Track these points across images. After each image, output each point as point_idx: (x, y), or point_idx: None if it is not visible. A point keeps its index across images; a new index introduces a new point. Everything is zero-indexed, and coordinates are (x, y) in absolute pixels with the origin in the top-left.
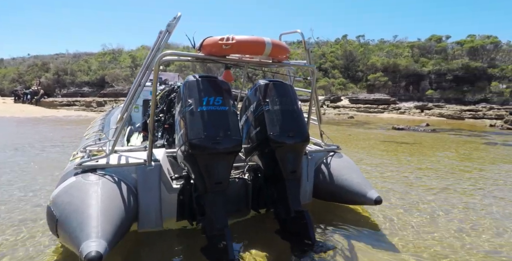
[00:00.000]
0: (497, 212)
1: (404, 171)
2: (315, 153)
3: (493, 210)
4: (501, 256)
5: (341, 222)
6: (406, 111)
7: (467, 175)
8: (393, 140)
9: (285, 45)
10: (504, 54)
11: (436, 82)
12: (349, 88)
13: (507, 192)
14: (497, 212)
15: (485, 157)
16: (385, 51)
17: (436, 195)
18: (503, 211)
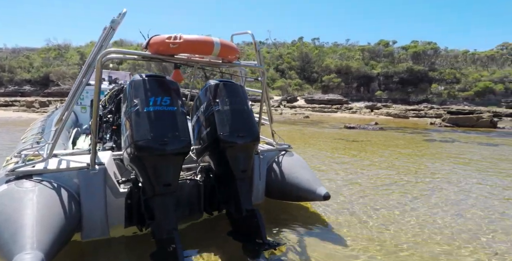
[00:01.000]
0: (437, 203)
1: (353, 168)
2: (267, 152)
3: (433, 201)
4: (444, 243)
5: (293, 219)
6: (357, 110)
7: (411, 170)
8: (345, 138)
9: (234, 45)
10: (442, 59)
11: (384, 84)
12: (305, 89)
13: (446, 183)
14: (437, 203)
15: (426, 152)
16: (338, 54)
17: (383, 189)
18: (443, 201)
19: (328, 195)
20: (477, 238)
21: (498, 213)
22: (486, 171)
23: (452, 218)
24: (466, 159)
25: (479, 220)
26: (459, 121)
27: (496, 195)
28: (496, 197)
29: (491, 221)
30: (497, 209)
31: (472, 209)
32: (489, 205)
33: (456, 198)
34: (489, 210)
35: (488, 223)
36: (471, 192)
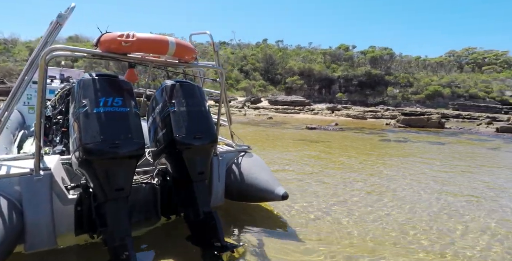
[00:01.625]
0: (393, 199)
1: (313, 167)
2: (226, 154)
3: (389, 196)
4: (400, 238)
5: (253, 220)
6: (319, 112)
7: (367, 168)
8: (306, 139)
9: (191, 46)
10: (397, 64)
11: (345, 86)
12: (269, 90)
13: (401, 179)
14: (393, 199)
15: (382, 152)
16: (301, 57)
17: (342, 188)
18: (398, 198)
19: (286, 195)
20: (426, 232)
21: (441, 205)
22: (433, 166)
23: (408, 213)
24: (417, 157)
25: (431, 213)
26: (411, 122)
27: (442, 188)
28: (443, 190)
29: (434, 213)
30: (441, 202)
31: (423, 203)
32: (437, 199)
33: (411, 195)
34: (434, 203)
35: (432, 215)
36: (425, 189)
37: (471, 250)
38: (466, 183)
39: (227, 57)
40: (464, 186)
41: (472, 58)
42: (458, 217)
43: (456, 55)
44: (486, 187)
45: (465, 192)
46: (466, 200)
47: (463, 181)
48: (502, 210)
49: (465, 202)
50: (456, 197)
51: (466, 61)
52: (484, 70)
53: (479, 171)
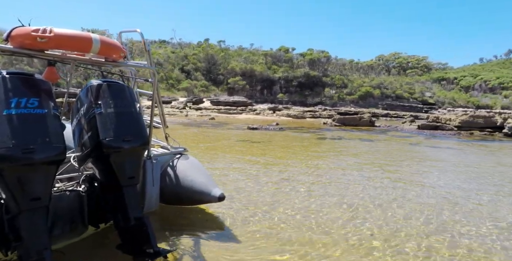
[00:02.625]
0: (330, 197)
1: (252, 167)
2: (160, 156)
3: (327, 195)
4: (336, 235)
5: (191, 223)
6: (261, 112)
7: (305, 166)
8: (247, 139)
9: (118, 43)
10: (333, 66)
11: (285, 87)
12: (211, 90)
13: (340, 175)
14: (330, 197)
15: (318, 149)
16: (243, 57)
17: (280, 187)
18: (336, 194)
19: (223, 196)
20: (358, 223)
21: (373, 199)
22: (363, 160)
23: (346, 208)
24: (350, 152)
25: (365, 204)
26: (345, 121)
27: (374, 181)
28: (375, 183)
29: (366, 204)
30: (375, 196)
31: (360, 201)
32: (366, 190)
33: (350, 189)
34: (367, 195)
35: (364, 206)
36: (359, 182)
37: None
38: (390, 175)
39: (168, 56)
40: (388, 178)
41: (398, 62)
42: (385, 203)
43: (385, 59)
44: (406, 177)
45: (388, 184)
46: (392, 187)
47: (388, 173)
48: (416, 193)
49: (392, 188)
50: (385, 189)
51: (393, 65)
52: (408, 73)
53: (400, 163)
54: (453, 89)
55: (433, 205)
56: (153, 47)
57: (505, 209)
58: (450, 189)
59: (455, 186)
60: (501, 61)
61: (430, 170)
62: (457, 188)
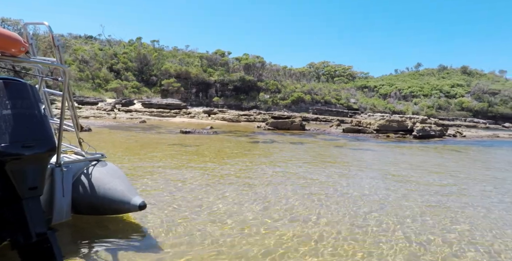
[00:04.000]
0: (253, 199)
1: (178, 172)
2: (73, 164)
3: (252, 198)
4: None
5: (109, 234)
6: (196, 115)
7: (232, 170)
8: (179, 143)
9: (17, 36)
10: (268, 71)
11: (221, 90)
12: (143, 92)
13: (269, 177)
14: (253, 199)
15: (250, 153)
16: (178, 59)
17: (204, 193)
18: (259, 196)
19: (143, 205)
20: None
21: (294, 195)
22: (291, 162)
23: (270, 209)
24: (281, 155)
25: (291, 202)
26: (278, 124)
27: (300, 180)
28: (302, 184)
29: (296, 204)
30: (298, 192)
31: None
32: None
33: (277, 192)
34: (292, 194)
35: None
36: (287, 185)
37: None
38: (316, 176)
39: (94, 53)
40: (316, 177)
41: (327, 70)
42: (312, 202)
43: (315, 66)
44: (332, 176)
45: (315, 182)
46: (319, 186)
47: (315, 173)
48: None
49: (318, 187)
50: (307, 188)
51: (322, 72)
52: (335, 80)
53: (324, 164)
54: (374, 96)
55: (349, 200)
56: (78, 42)
57: (407, 201)
58: (366, 186)
59: (366, 183)
60: (411, 73)
61: (350, 171)
62: (368, 185)
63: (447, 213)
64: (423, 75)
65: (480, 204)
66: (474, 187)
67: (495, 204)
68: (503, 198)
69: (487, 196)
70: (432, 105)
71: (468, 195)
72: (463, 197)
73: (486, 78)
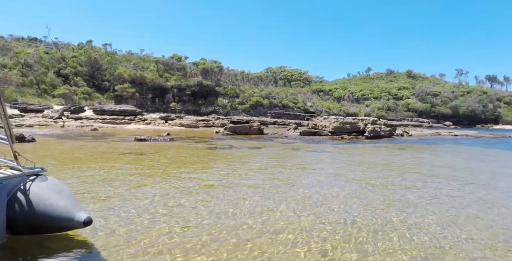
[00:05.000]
0: (211, 208)
1: (128, 183)
2: (7, 180)
3: (204, 206)
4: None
5: (51, 254)
6: (152, 121)
7: (186, 178)
8: (132, 152)
9: None
10: (226, 76)
11: (178, 96)
12: (95, 98)
13: (227, 183)
14: (211, 208)
15: (207, 159)
16: (132, 63)
17: (157, 203)
18: (220, 203)
19: (89, 220)
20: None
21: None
22: (248, 167)
23: (230, 217)
24: (238, 160)
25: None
26: (237, 129)
27: (257, 184)
28: (257, 189)
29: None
30: (250, 194)
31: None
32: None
33: (237, 201)
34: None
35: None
36: (242, 188)
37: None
38: (273, 178)
39: (39, 56)
40: (272, 180)
41: (284, 75)
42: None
43: (272, 71)
44: (290, 177)
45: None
46: (278, 186)
47: (272, 175)
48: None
49: (279, 187)
50: (266, 190)
51: (279, 76)
52: (292, 84)
53: (284, 166)
54: (329, 99)
55: (307, 198)
56: (21, 45)
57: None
58: (321, 185)
59: (320, 180)
60: (363, 77)
61: (303, 172)
62: (325, 184)
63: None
64: (373, 78)
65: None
66: (406, 180)
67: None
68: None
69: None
70: (382, 106)
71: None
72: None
73: (428, 81)
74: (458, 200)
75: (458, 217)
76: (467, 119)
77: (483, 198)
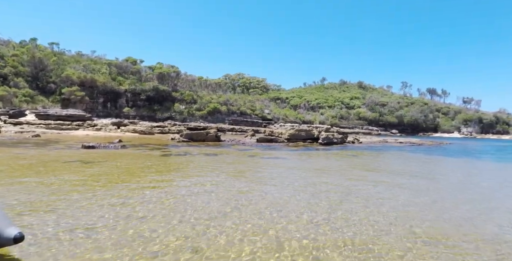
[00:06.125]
0: (155, 218)
1: (69, 195)
2: None
3: (143, 216)
4: None
5: None
6: (103, 127)
7: (141, 188)
8: (78, 160)
9: None
10: (183, 82)
11: (132, 101)
12: (39, 102)
13: (176, 193)
14: (155, 218)
15: (160, 168)
16: (82, 65)
17: (100, 214)
18: (166, 212)
19: (20, 236)
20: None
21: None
22: (203, 173)
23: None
24: (192, 168)
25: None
26: (193, 136)
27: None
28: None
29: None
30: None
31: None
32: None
33: (183, 210)
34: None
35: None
36: (195, 195)
37: None
38: (225, 185)
39: None
40: (226, 186)
41: (242, 82)
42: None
43: (231, 78)
44: (252, 184)
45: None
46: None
47: (225, 182)
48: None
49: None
50: (217, 195)
51: (238, 83)
52: (250, 92)
53: (236, 174)
54: (286, 107)
55: (259, 200)
56: None
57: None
58: (275, 189)
59: (272, 184)
60: (318, 86)
61: (257, 178)
62: (277, 187)
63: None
64: (328, 88)
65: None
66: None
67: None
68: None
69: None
70: (336, 115)
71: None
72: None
73: (377, 92)
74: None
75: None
76: (411, 128)
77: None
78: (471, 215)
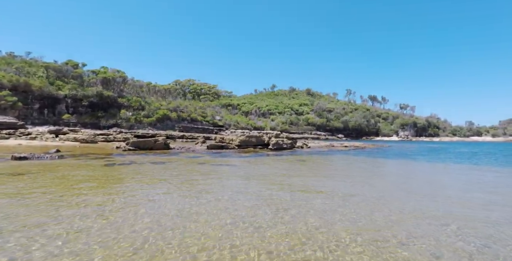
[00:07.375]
0: (100, 233)
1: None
2: None
3: (95, 231)
4: None
5: None
6: (38, 136)
7: (76, 202)
8: (4, 173)
9: None
10: (130, 87)
11: (73, 107)
12: None
13: (113, 206)
14: (100, 233)
15: (101, 178)
16: (14, 67)
17: (29, 231)
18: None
19: None
20: None
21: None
22: (151, 180)
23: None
24: (137, 179)
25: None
26: (140, 144)
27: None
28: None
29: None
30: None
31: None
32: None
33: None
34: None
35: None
36: (139, 207)
37: None
38: (169, 195)
39: None
40: (170, 196)
41: (193, 88)
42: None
43: (181, 84)
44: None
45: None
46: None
47: (170, 191)
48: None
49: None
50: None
51: (188, 90)
52: (201, 98)
53: (189, 181)
54: (237, 113)
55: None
56: None
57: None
58: (230, 198)
59: (221, 190)
60: (268, 93)
61: (204, 187)
62: (231, 195)
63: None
64: (278, 95)
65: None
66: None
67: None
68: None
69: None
70: (286, 121)
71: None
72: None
73: (324, 99)
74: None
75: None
76: (355, 132)
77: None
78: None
